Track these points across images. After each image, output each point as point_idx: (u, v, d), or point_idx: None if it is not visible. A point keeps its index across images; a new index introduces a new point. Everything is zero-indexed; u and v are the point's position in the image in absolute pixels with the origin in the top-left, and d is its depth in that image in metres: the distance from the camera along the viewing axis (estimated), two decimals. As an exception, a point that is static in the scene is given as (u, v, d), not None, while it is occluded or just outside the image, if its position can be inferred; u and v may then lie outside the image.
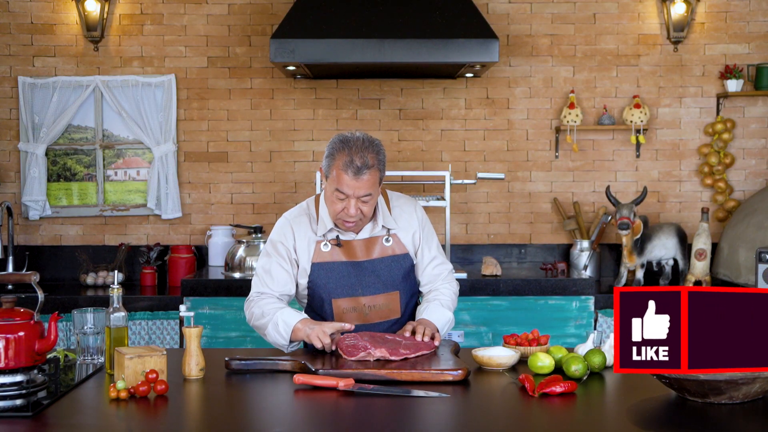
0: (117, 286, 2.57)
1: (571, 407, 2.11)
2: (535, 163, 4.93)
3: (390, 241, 2.83)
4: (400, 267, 2.83)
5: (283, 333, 2.66)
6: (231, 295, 4.16)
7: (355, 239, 2.80)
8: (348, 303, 2.79)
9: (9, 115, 4.87)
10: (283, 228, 2.82)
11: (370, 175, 2.64)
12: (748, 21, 4.87)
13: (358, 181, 2.62)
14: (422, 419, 2.06)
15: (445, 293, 2.88)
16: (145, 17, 4.86)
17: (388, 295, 2.81)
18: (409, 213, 2.89)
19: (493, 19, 4.84)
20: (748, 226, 4.49)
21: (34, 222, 4.87)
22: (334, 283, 2.78)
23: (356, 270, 2.79)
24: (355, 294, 2.79)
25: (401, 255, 2.84)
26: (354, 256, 2.79)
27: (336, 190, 2.66)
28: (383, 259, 2.81)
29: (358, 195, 2.65)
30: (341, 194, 2.65)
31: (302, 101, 4.90)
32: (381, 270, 2.81)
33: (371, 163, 2.64)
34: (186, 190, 4.92)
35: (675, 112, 4.91)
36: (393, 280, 2.82)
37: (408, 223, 2.87)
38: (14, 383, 2.21)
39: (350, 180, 2.62)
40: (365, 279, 2.79)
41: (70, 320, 3.09)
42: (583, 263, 4.64)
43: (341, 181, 2.64)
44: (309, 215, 2.83)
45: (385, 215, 2.82)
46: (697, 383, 2.05)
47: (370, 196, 2.67)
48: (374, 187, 2.68)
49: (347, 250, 2.79)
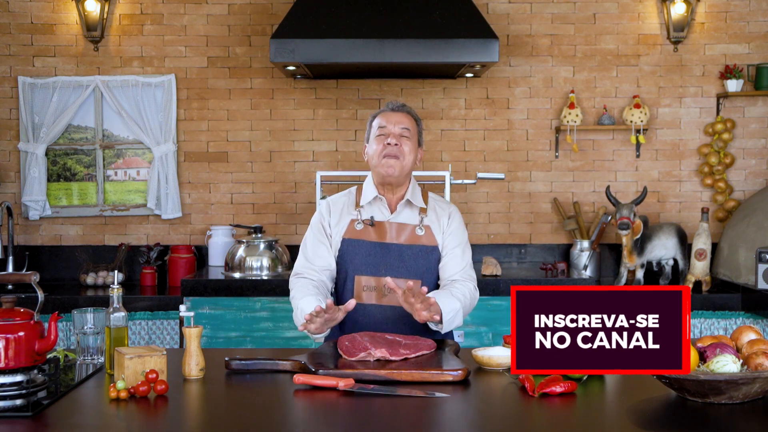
0: (117, 286, 2.57)
1: (571, 407, 2.11)
2: (535, 163, 4.93)
3: (423, 231, 2.88)
4: (426, 258, 2.87)
5: (301, 319, 2.72)
6: (231, 295, 4.16)
7: (388, 220, 2.89)
8: (369, 281, 2.84)
9: (9, 115, 4.87)
10: (321, 207, 3.00)
11: (407, 117, 2.90)
12: (748, 21, 4.87)
13: (396, 115, 2.88)
14: (422, 419, 2.06)
15: (459, 288, 2.83)
16: (145, 17, 4.86)
17: (409, 281, 2.82)
18: (443, 209, 2.96)
19: (493, 19, 4.84)
20: (748, 226, 4.49)
21: (34, 222, 4.87)
22: (360, 259, 2.85)
23: (383, 251, 2.85)
24: (377, 273, 2.84)
25: (430, 247, 2.88)
26: (383, 238, 2.87)
27: (378, 129, 2.87)
28: (412, 246, 2.87)
29: (398, 127, 2.85)
30: (383, 129, 2.86)
31: (302, 101, 4.90)
32: (407, 256, 2.86)
33: (408, 110, 2.93)
34: (186, 190, 4.92)
35: (675, 112, 4.91)
36: (417, 268, 2.86)
37: (439, 219, 2.93)
38: (14, 383, 2.21)
39: (389, 114, 2.88)
40: (390, 261, 2.85)
41: (70, 320, 3.10)
42: (583, 263, 4.64)
43: (384, 118, 2.89)
44: (349, 197, 2.97)
45: (414, 194, 2.93)
46: (697, 383, 2.04)
47: (408, 133, 2.87)
48: (412, 128, 2.89)
49: (379, 230, 2.87)
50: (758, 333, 2.28)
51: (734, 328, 3.72)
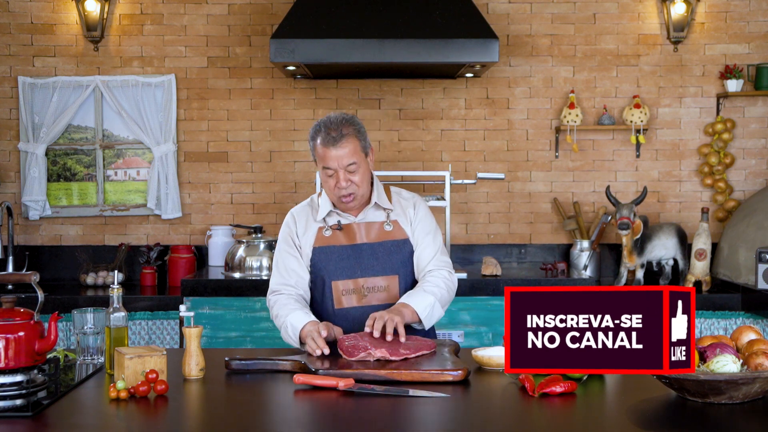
0: (117, 286, 2.57)
1: (571, 407, 2.11)
2: (535, 163, 4.93)
3: (391, 227, 2.87)
4: (399, 251, 2.87)
5: (293, 336, 2.72)
6: (231, 295, 4.16)
7: (355, 222, 2.87)
8: (347, 284, 2.83)
9: (9, 115, 4.87)
10: (287, 220, 2.95)
11: (348, 143, 2.74)
12: (748, 21, 4.87)
13: (338, 149, 2.72)
14: (422, 419, 2.06)
15: (431, 281, 2.83)
16: (145, 17, 4.86)
17: (386, 278, 2.84)
18: (407, 201, 2.94)
19: (493, 19, 4.84)
20: (748, 226, 4.49)
21: (34, 222, 4.87)
22: (334, 265, 2.84)
23: (355, 252, 2.84)
24: (353, 276, 2.84)
25: (401, 240, 2.88)
26: (353, 239, 2.86)
27: (324, 169, 2.77)
28: (383, 243, 2.86)
29: (343, 165, 2.73)
30: (329, 170, 2.76)
31: (302, 101, 4.90)
32: (380, 253, 2.85)
33: (346, 132, 2.75)
34: (186, 190, 4.92)
35: (675, 112, 4.91)
36: (392, 263, 2.85)
37: (404, 212, 2.91)
38: (14, 383, 2.21)
39: (331, 151, 2.73)
40: (364, 261, 2.84)
41: (70, 320, 3.09)
42: (583, 263, 4.64)
43: (324, 157, 2.75)
44: (311, 206, 2.94)
45: (380, 196, 2.88)
46: (697, 383, 2.05)
47: (355, 165, 2.75)
48: (357, 154, 2.75)
49: (347, 233, 2.86)
50: (758, 333, 2.28)
51: (734, 328, 3.72)
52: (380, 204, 2.88)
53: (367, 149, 2.82)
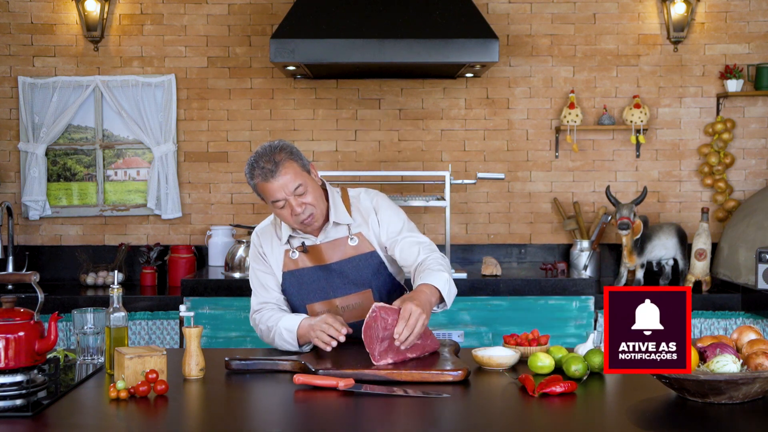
0: (117, 286, 2.57)
1: (571, 407, 2.11)
2: (535, 163, 4.93)
3: (355, 241, 2.80)
4: (367, 265, 2.80)
5: (289, 340, 2.70)
6: (231, 295, 4.16)
7: (319, 243, 2.80)
8: (322, 306, 2.79)
9: (9, 115, 4.87)
10: (253, 240, 2.90)
11: (286, 168, 2.65)
12: (748, 21, 4.87)
13: (279, 179, 2.63)
14: (422, 419, 2.06)
15: (431, 263, 2.71)
16: (145, 17, 4.86)
17: (360, 294, 2.80)
18: (365, 204, 2.85)
19: (493, 19, 4.84)
20: (748, 226, 4.49)
21: (34, 222, 4.87)
22: (306, 288, 2.80)
23: (325, 273, 2.79)
24: (327, 297, 2.79)
25: (368, 253, 2.81)
26: (321, 260, 2.79)
27: (273, 203, 2.68)
28: (350, 260, 2.79)
29: (290, 191, 2.65)
30: (279, 202, 2.67)
31: (302, 101, 4.90)
32: (349, 270, 2.79)
33: (279, 158, 2.65)
34: (186, 190, 4.92)
35: (675, 112, 4.91)
36: (363, 278, 2.80)
37: (366, 221, 2.83)
38: (14, 383, 2.21)
39: (272, 183, 2.64)
40: (334, 281, 2.79)
41: (70, 320, 3.09)
42: (583, 263, 4.64)
43: (269, 191, 2.65)
44: (275, 224, 2.87)
45: (338, 212, 2.80)
46: (697, 383, 2.05)
47: (302, 186, 2.66)
48: (299, 175, 2.67)
49: (314, 255, 2.80)
50: (758, 333, 2.28)
51: (734, 328, 3.72)
52: (338, 222, 2.79)
53: (307, 166, 2.74)
